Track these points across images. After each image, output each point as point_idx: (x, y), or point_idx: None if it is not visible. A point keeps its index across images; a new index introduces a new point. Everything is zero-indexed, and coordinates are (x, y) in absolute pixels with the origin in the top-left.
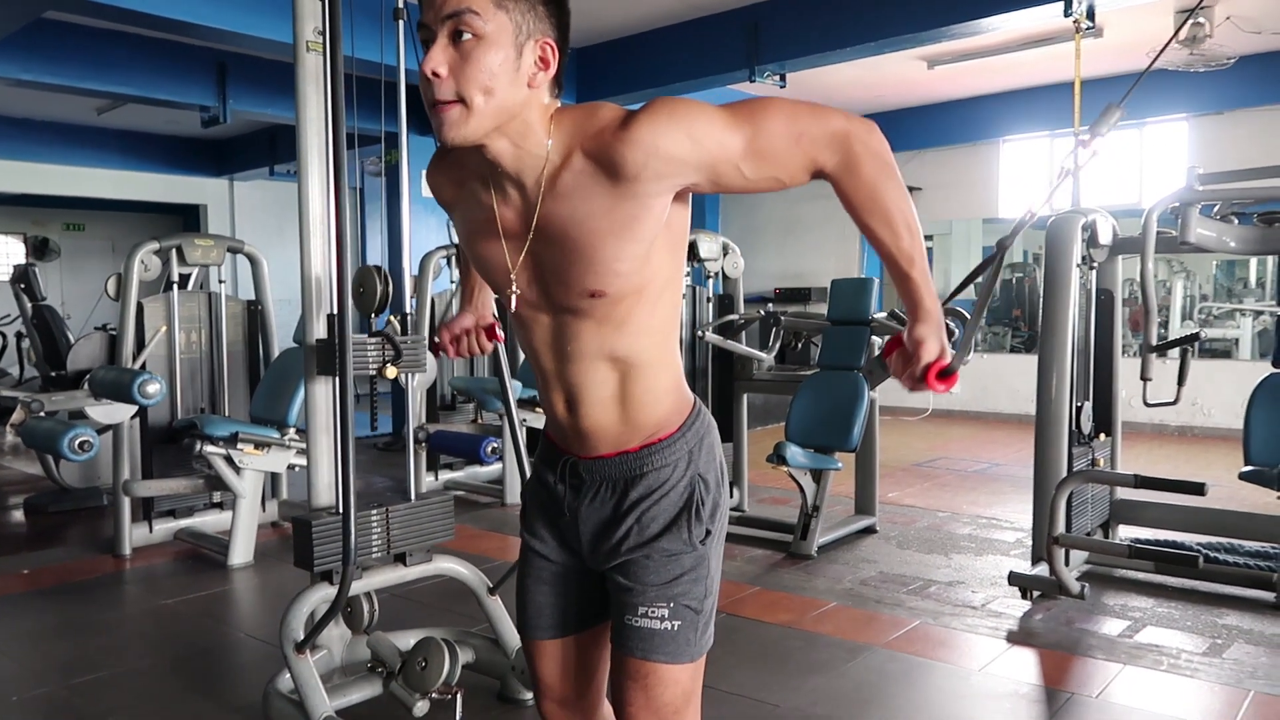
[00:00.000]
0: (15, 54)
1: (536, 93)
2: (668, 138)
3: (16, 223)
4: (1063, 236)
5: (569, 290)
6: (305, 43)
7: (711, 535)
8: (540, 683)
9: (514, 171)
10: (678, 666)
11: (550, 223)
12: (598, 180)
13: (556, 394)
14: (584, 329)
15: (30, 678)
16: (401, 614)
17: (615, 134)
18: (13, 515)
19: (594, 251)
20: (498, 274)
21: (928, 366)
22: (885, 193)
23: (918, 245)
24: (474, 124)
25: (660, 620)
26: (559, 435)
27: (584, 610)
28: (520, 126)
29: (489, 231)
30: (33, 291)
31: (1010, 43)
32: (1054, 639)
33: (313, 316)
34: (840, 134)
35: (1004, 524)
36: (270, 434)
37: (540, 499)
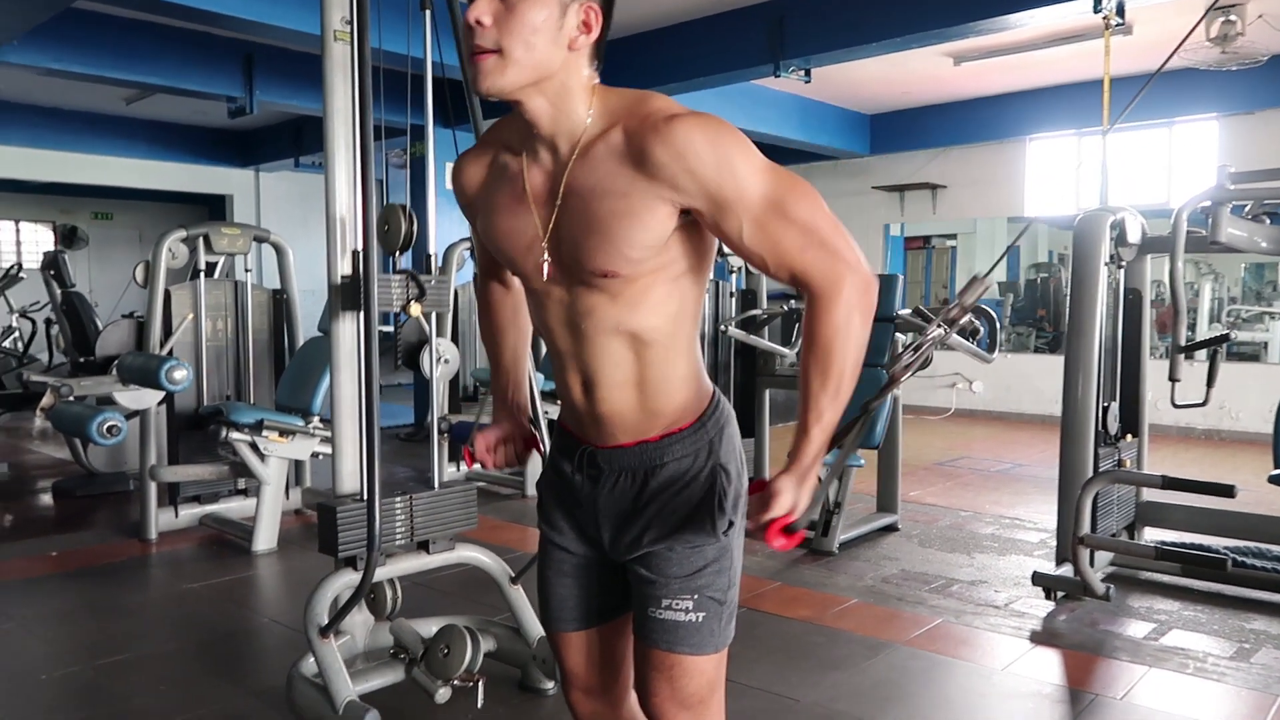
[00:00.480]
0: (45, 43)
1: (577, 57)
2: (697, 152)
3: (46, 211)
4: (1091, 235)
5: (583, 266)
6: (333, 32)
7: (734, 526)
8: (566, 672)
9: (549, 133)
10: (703, 657)
11: (575, 190)
12: (624, 161)
13: (573, 376)
14: (598, 305)
15: (58, 658)
16: (423, 602)
17: (656, 126)
18: (41, 499)
19: (608, 230)
20: (525, 244)
21: (773, 520)
22: (840, 347)
23: (836, 406)
24: (510, 75)
25: (685, 612)
26: (576, 424)
27: (607, 601)
28: (558, 88)
29: (518, 200)
30: (62, 278)
31: (1038, 39)
32: (1078, 640)
33: (337, 258)
34: (842, 269)
35: (1027, 524)
36: (295, 422)
37: (557, 490)
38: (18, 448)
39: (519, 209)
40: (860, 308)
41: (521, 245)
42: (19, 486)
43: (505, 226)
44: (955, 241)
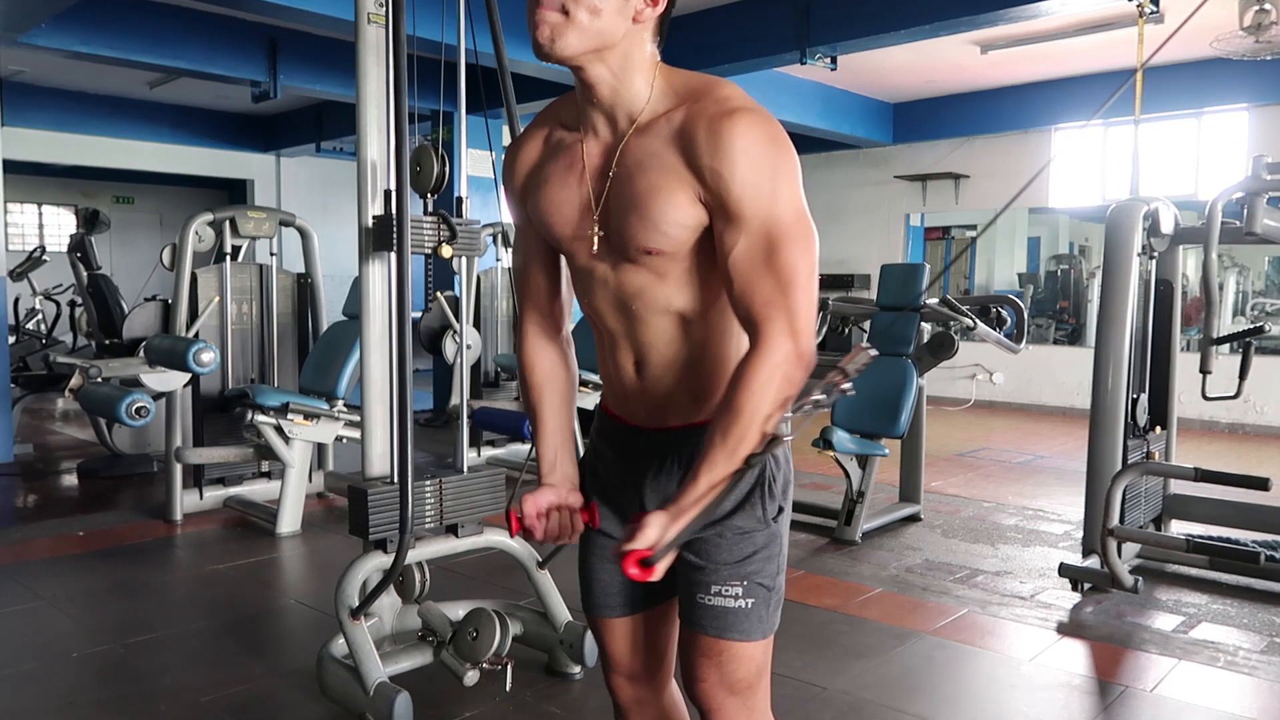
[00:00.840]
0: (74, 26)
1: (641, 29)
2: (734, 157)
3: (68, 194)
4: (1124, 225)
5: (627, 243)
6: (367, 15)
7: (784, 511)
8: (609, 659)
9: (609, 104)
10: (751, 643)
11: (625, 165)
12: (673, 140)
13: (625, 355)
14: (647, 284)
15: (88, 636)
16: (447, 585)
17: (713, 115)
18: (66, 479)
19: (645, 206)
20: (574, 218)
21: (633, 549)
22: (752, 408)
23: (730, 462)
24: (572, 38)
25: (734, 599)
26: (621, 406)
27: (650, 587)
28: (620, 59)
29: (572, 173)
30: (89, 261)
31: (1067, 28)
32: (1105, 632)
33: (367, 200)
34: (785, 336)
35: (1050, 516)
36: (319, 405)
37: (599, 475)
38: (41, 429)
39: (571, 181)
40: (785, 377)
41: (570, 218)
42: (44, 467)
43: (555, 198)
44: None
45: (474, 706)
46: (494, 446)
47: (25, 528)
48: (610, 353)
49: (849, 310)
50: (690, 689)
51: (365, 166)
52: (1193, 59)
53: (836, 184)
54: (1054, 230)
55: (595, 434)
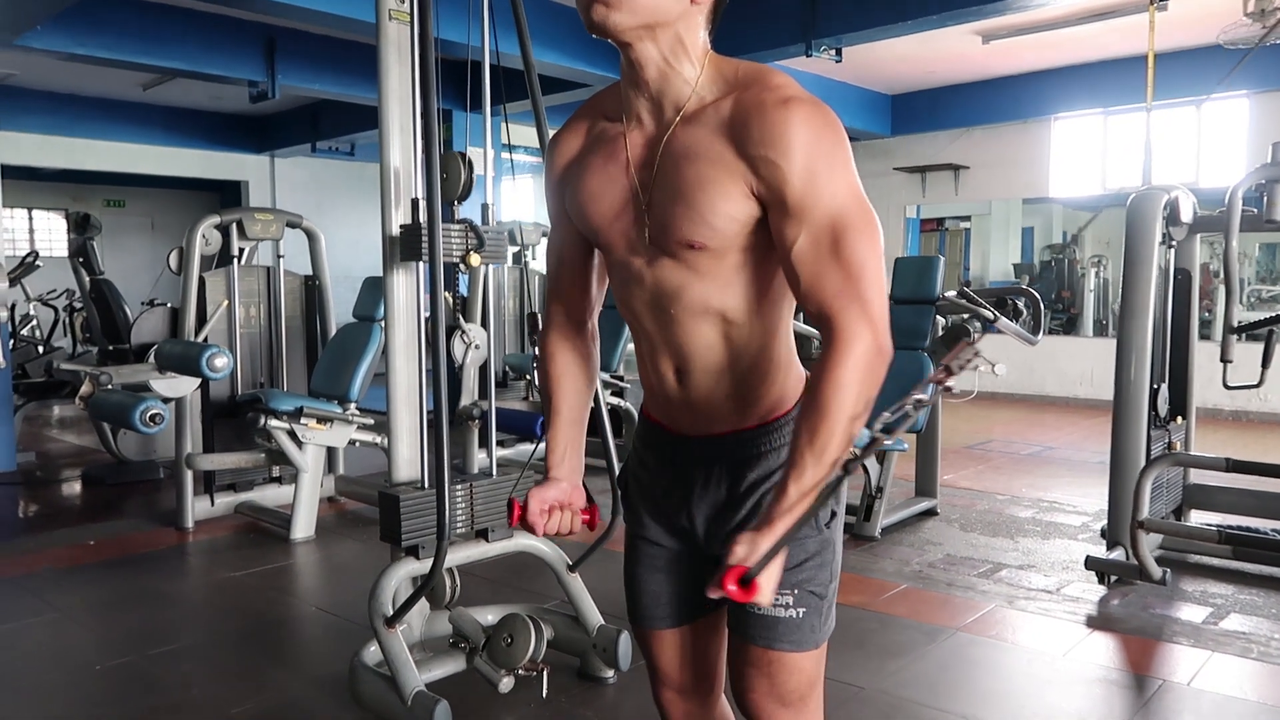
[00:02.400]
0: (69, 28)
1: (695, 12)
2: (791, 148)
3: (58, 198)
4: (1144, 214)
5: (670, 236)
6: (388, 11)
7: (836, 516)
8: (658, 672)
9: (655, 88)
10: (803, 654)
11: (670, 154)
12: (723, 129)
13: (665, 361)
14: (687, 283)
15: (108, 648)
16: (474, 589)
17: (766, 104)
18: (71, 487)
19: (692, 196)
20: (614, 209)
21: (727, 570)
22: (838, 405)
23: (819, 468)
24: (626, 12)
25: (785, 608)
26: (664, 414)
27: (699, 596)
28: (672, 40)
29: (614, 163)
30: (91, 265)
31: (1070, 16)
32: (1135, 625)
33: (392, 209)
34: (864, 328)
35: (1066, 507)
36: (332, 409)
37: (644, 483)
38: (42, 436)
39: (613, 171)
40: (869, 370)
41: (610, 210)
42: (47, 475)
43: (594, 188)
44: (969, 223)
45: (509, 713)
46: (503, 447)
47: (34, 538)
48: (650, 358)
49: None
50: (740, 700)
51: (389, 173)
52: (1197, 45)
53: None
54: (1048, 220)
55: (638, 441)
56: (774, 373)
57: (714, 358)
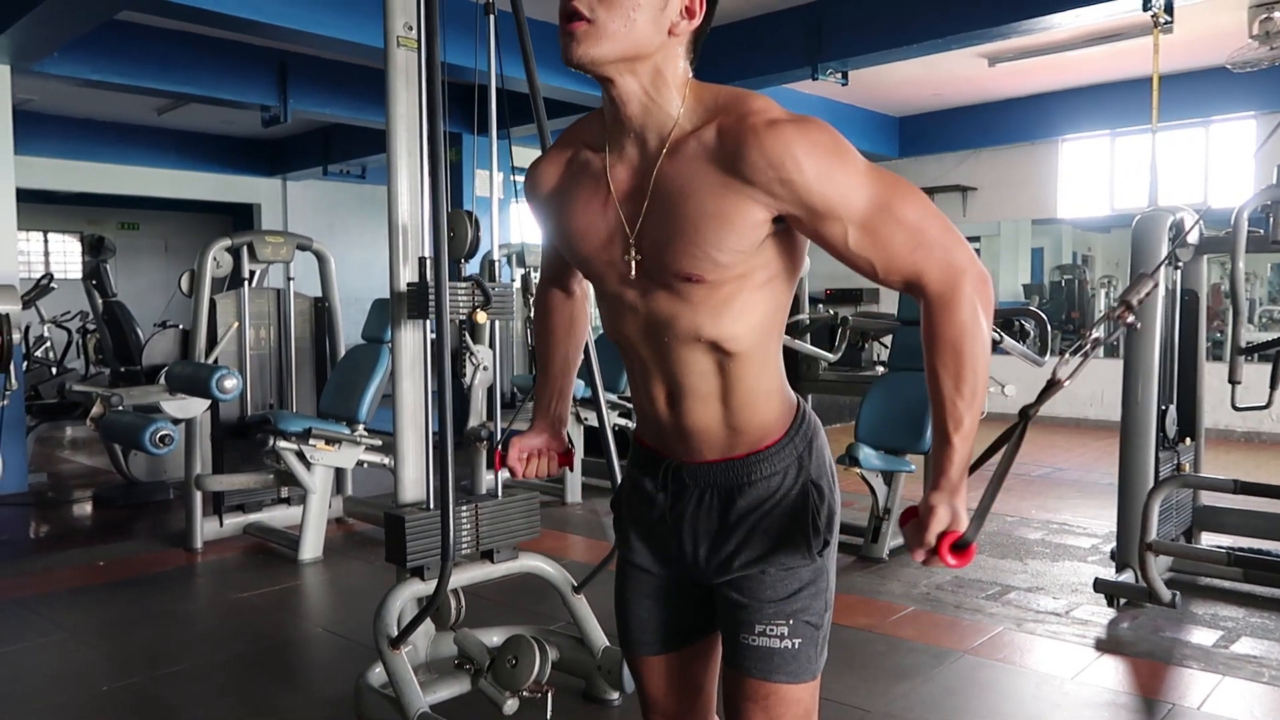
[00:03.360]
0: (85, 55)
1: (675, 43)
2: (797, 163)
3: (73, 222)
4: (1150, 235)
5: (666, 269)
6: (396, 38)
7: (829, 545)
8: (647, 699)
9: (639, 121)
10: (799, 686)
11: (664, 188)
12: (715, 161)
13: (656, 388)
14: (679, 312)
15: (115, 669)
16: (479, 611)
17: (754, 129)
18: (82, 508)
19: (695, 232)
20: (601, 244)
21: (941, 536)
22: (969, 348)
23: (973, 411)
24: (604, 46)
25: (780, 639)
26: (656, 439)
27: (689, 623)
28: (652, 72)
29: (598, 197)
30: (104, 288)
31: (1076, 39)
32: (1145, 648)
33: (400, 265)
34: (958, 268)
35: (1076, 529)
36: (341, 430)
37: (636, 509)
38: (54, 457)
39: (598, 206)
40: (982, 303)
41: (598, 244)
42: (58, 496)
43: (581, 224)
44: (979, 244)
45: None
46: None
47: (45, 558)
48: (642, 384)
49: (869, 325)
50: None
51: (397, 231)
52: (1203, 67)
53: None
54: (1057, 240)
55: (631, 465)
56: (765, 401)
57: (705, 386)
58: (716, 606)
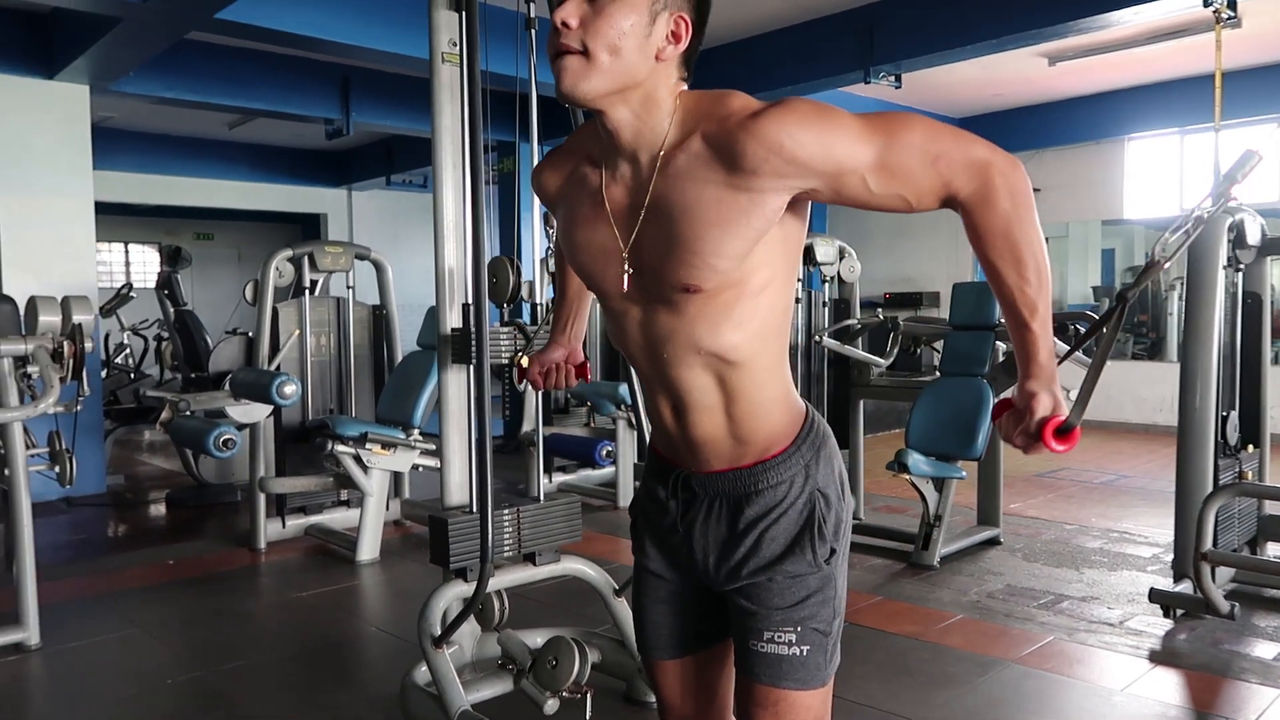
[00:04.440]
0: (158, 74)
1: (664, 67)
2: (794, 139)
3: (152, 233)
4: (1206, 237)
5: (664, 282)
6: (441, 54)
7: (836, 554)
8: (663, 702)
9: (631, 145)
10: (808, 692)
11: (659, 205)
12: (712, 168)
13: (662, 400)
14: (678, 326)
15: (181, 663)
16: (526, 613)
17: (741, 124)
18: (156, 509)
19: (695, 242)
20: (602, 259)
21: (1043, 422)
22: (1020, 232)
23: (1044, 294)
24: (594, 80)
25: (788, 645)
26: (668, 448)
27: (703, 629)
28: (642, 98)
29: (596, 214)
30: (175, 297)
31: (1139, 35)
32: (1201, 660)
33: (446, 309)
34: (982, 162)
35: (1137, 538)
36: (396, 435)
37: (650, 516)
38: (132, 460)
39: (597, 223)
40: (1016, 184)
41: (599, 260)
42: (134, 498)
43: (582, 239)
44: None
45: None
46: (565, 472)
47: (119, 556)
48: (649, 396)
49: (921, 330)
50: None
51: (444, 276)
52: (1274, 62)
53: None
54: (1129, 241)
55: (646, 473)
56: (770, 410)
57: (709, 397)
58: (729, 613)
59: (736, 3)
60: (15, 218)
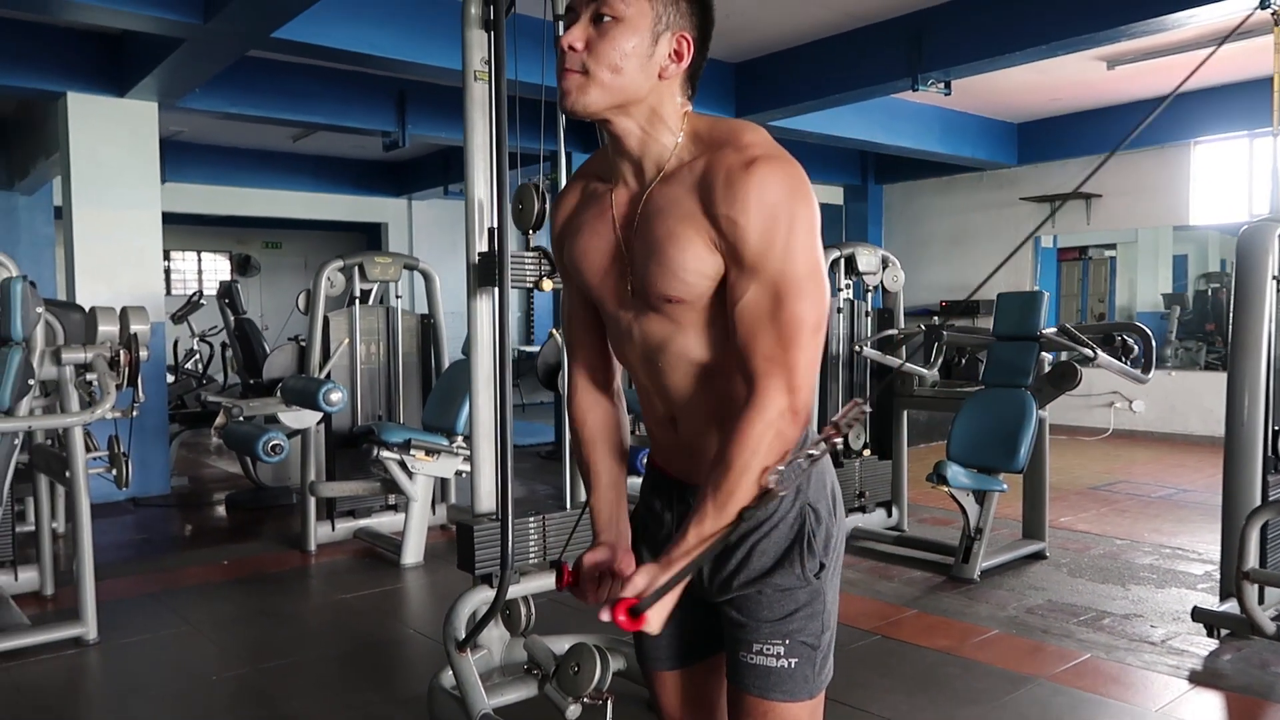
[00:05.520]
0: (222, 89)
1: (667, 85)
2: (750, 209)
3: (223, 242)
4: (1256, 246)
5: (649, 291)
6: (473, 72)
7: (826, 568)
8: (661, 711)
9: (637, 154)
10: (796, 704)
11: (648, 209)
12: (694, 188)
13: (659, 409)
14: (670, 335)
15: (226, 659)
16: (557, 618)
17: (733, 165)
18: (216, 510)
19: (664, 251)
20: (603, 266)
21: (620, 599)
22: (744, 458)
23: (719, 518)
24: (594, 95)
25: (776, 658)
26: (665, 459)
27: (699, 641)
28: (647, 113)
29: (602, 221)
30: (235, 306)
31: (1200, 38)
32: (1243, 682)
33: (475, 237)
34: (781, 391)
35: (1190, 555)
36: (440, 441)
37: (649, 527)
38: (197, 462)
39: (602, 229)
40: (779, 433)
41: (599, 266)
42: (197, 499)
43: (585, 245)
44: (1115, 252)
45: None
46: None
47: (178, 556)
48: (648, 406)
49: (965, 340)
50: None
51: (473, 206)
52: None
53: (959, 208)
54: (1202, 247)
55: (646, 484)
56: None
57: (701, 407)
58: (721, 624)
59: (784, 12)
60: (88, 229)
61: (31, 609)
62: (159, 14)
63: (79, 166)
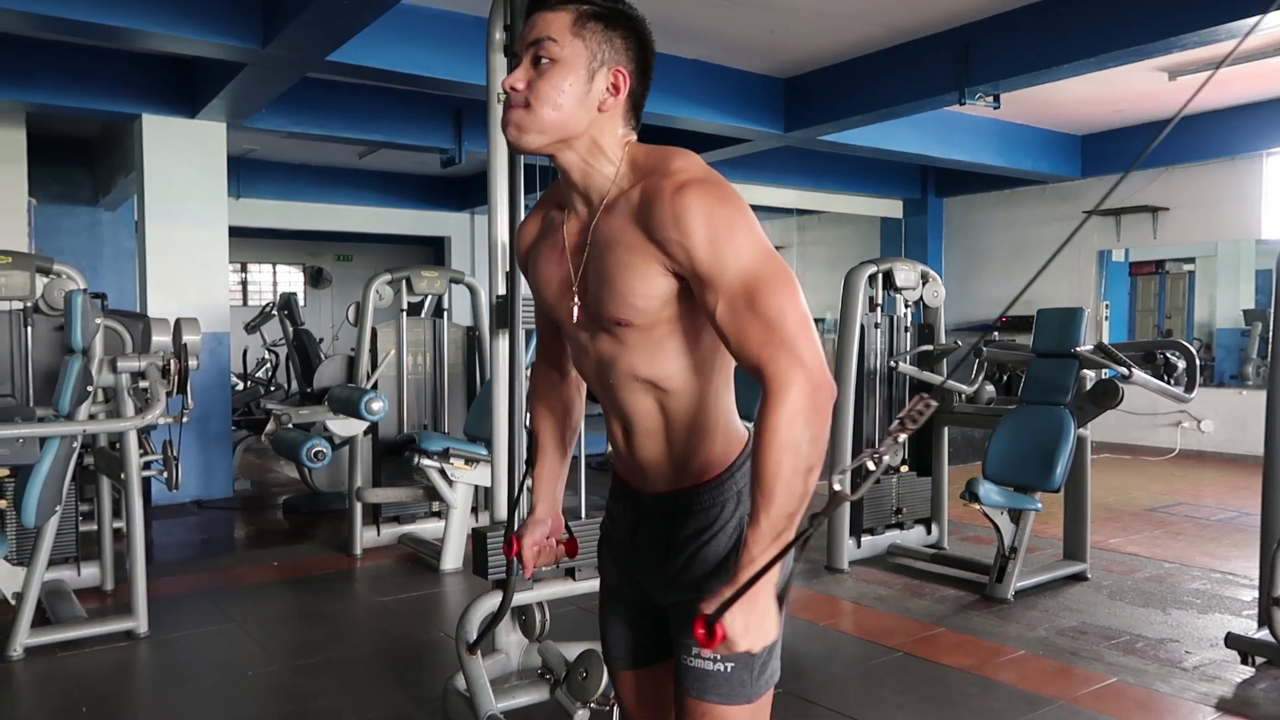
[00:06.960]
0: (285, 110)
1: (608, 117)
2: (693, 228)
3: (297, 255)
4: None
5: (601, 315)
6: (496, 95)
7: None
8: (623, 708)
9: (582, 186)
10: (734, 707)
11: (597, 242)
12: (634, 217)
13: (615, 423)
14: (619, 353)
15: (265, 657)
16: (574, 623)
17: (664, 191)
18: (274, 514)
19: (615, 279)
20: (559, 291)
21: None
22: (776, 459)
23: (775, 522)
24: (532, 134)
25: (712, 661)
26: (623, 470)
27: (655, 643)
28: (588, 145)
29: (557, 249)
30: (294, 317)
31: (1266, 47)
32: (1274, 711)
33: (498, 281)
34: (795, 372)
35: (1241, 580)
36: (479, 450)
37: (609, 533)
38: (262, 467)
39: (557, 257)
40: (806, 413)
41: (556, 291)
42: (258, 503)
43: (544, 273)
44: (1194, 266)
45: None
46: None
47: (233, 556)
48: (606, 420)
49: (1004, 356)
50: None
51: (496, 248)
52: None
53: (1021, 221)
54: None
55: (610, 493)
56: (708, 436)
57: (651, 422)
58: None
59: (828, 27)
60: (160, 244)
61: (91, 603)
62: (221, 40)
63: (152, 184)
